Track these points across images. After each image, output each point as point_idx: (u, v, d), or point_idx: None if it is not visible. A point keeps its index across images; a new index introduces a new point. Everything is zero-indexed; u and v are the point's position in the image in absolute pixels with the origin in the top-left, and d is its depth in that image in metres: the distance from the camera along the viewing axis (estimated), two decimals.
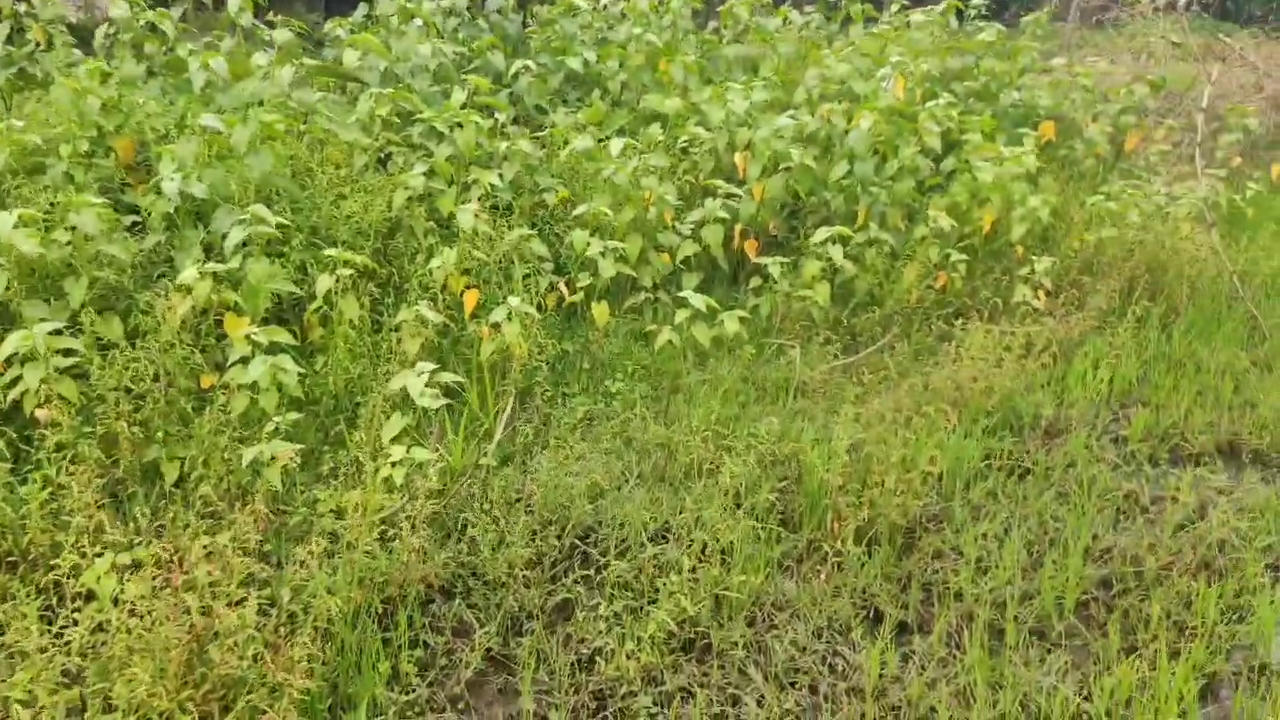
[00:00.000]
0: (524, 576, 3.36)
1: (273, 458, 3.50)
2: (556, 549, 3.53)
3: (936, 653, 3.14)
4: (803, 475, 3.85)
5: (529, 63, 7.12)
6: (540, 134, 6.25)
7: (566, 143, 6.09)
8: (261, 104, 5.68)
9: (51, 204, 4.48)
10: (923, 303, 5.45)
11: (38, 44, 6.54)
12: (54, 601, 2.90)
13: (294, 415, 3.70)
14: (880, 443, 3.95)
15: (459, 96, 5.82)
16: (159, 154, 4.97)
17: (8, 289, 4.01)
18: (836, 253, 5.18)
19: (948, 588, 3.44)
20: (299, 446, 3.67)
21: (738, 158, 5.82)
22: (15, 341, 3.64)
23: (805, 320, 5.24)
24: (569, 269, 5.38)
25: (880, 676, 3.04)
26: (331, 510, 3.47)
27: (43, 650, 2.54)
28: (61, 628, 2.67)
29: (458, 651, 3.12)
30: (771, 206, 5.81)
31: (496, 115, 6.21)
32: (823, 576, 3.45)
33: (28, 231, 4.08)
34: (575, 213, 5.25)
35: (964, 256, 5.45)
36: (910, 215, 6.04)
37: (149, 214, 4.67)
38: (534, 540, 3.50)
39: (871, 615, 3.34)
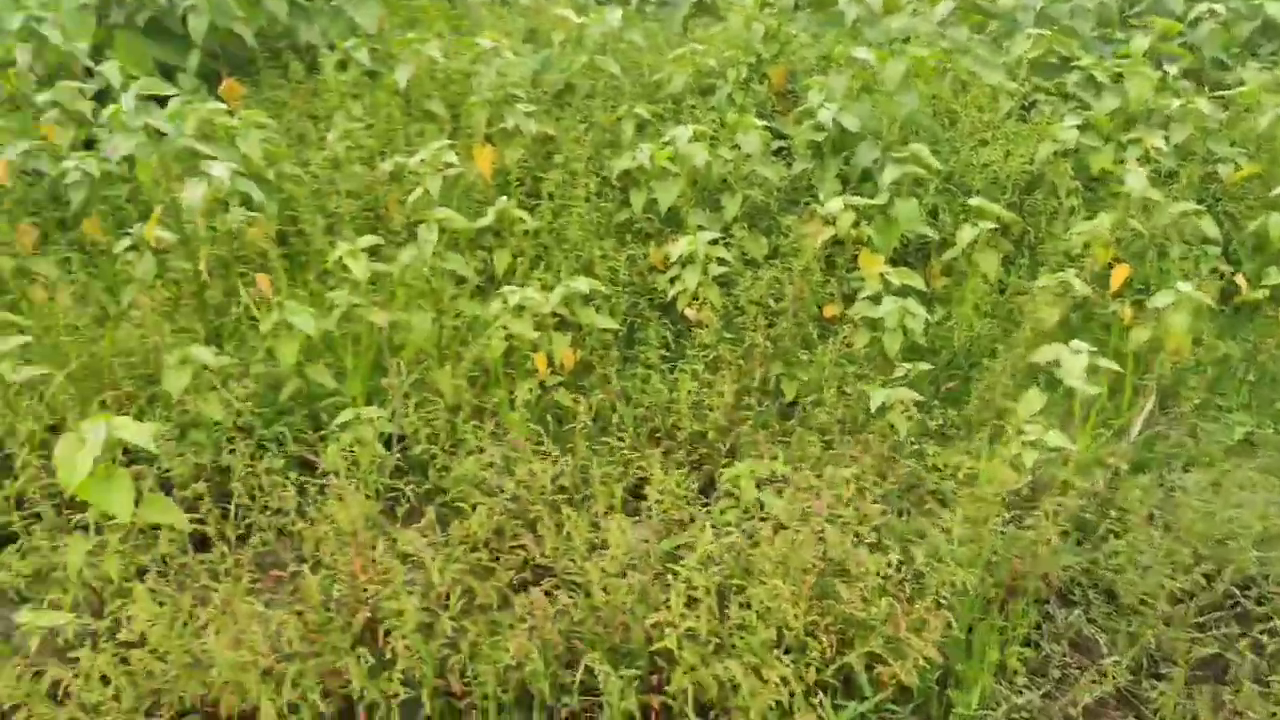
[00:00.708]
0: (1163, 612, 2.85)
1: (900, 403, 3.43)
2: (1205, 589, 2.93)
3: None
4: None
5: (1214, 6, 5.95)
6: (1220, 93, 5.21)
7: (1257, 105, 4.97)
8: (907, 40, 5.58)
9: (719, 123, 4.89)
10: None
11: None
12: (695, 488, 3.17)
13: (924, 366, 3.58)
14: None
15: (1141, 43, 5.05)
16: (807, 85, 5.15)
17: (680, 196, 4.50)
18: None
19: None
20: (916, 396, 3.55)
21: None
22: (684, 245, 4.06)
23: None
24: (1240, 258, 4.43)
25: None
26: (936, 469, 3.31)
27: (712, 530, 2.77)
28: (716, 522, 2.89)
29: (1073, 668, 2.77)
30: None
31: (1165, 67, 5.30)
32: None
33: (700, 146, 4.51)
34: (1274, 193, 4.25)
35: None
36: None
37: (794, 141, 4.87)
38: (1176, 572, 2.94)
39: None
